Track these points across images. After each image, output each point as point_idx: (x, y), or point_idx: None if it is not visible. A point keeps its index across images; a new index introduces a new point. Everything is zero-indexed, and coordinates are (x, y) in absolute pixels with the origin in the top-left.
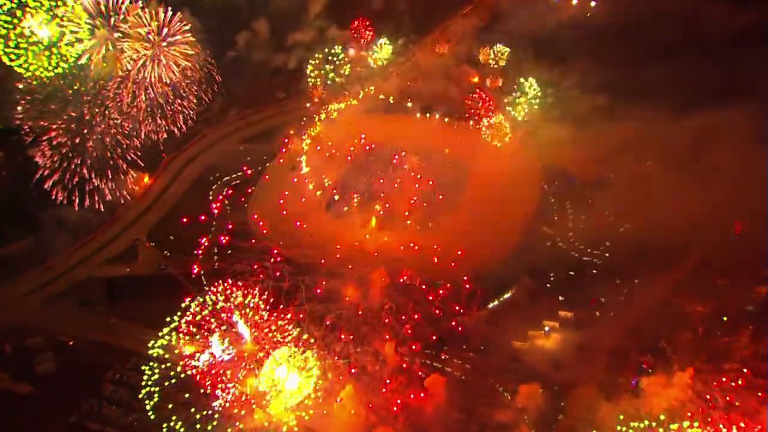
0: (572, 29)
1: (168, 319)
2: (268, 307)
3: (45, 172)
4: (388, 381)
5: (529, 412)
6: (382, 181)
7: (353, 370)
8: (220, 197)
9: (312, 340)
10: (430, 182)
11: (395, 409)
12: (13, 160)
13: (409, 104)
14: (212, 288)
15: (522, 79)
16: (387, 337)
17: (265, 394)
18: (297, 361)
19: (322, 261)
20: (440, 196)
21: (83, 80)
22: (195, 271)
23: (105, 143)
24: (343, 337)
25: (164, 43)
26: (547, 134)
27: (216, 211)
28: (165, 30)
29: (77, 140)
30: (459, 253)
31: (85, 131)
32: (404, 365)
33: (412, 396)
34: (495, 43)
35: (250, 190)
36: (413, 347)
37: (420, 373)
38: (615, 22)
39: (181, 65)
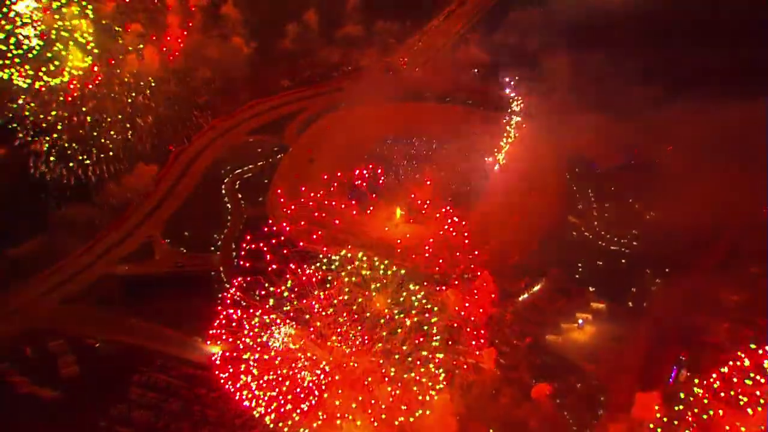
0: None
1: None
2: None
3: (48, 175)
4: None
5: (647, 424)
6: (402, 172)
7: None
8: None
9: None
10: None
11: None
12: (16, 157)
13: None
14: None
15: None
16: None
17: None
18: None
19: None
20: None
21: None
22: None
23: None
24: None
25: None
26: (575, 122)
27: (230, 206)
28: None
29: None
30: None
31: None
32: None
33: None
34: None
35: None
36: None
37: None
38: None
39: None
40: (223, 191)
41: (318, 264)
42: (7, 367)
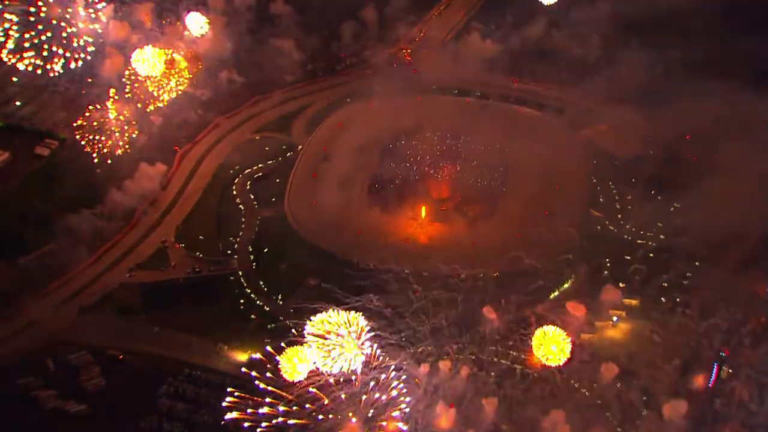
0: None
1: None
2: None
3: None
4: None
5: None
6: (417, 168)
7: None
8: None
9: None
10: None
11: None
12: (20, 162)
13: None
14: None
15: None
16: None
17: None
18: None
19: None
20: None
21: None
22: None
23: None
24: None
25: None
26: (594, 114)
27: (243, 207)
28: None
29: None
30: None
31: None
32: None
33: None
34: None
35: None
36: None
37: None
38: None
39: None
40: (234, 192)
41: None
42: (32, 381)
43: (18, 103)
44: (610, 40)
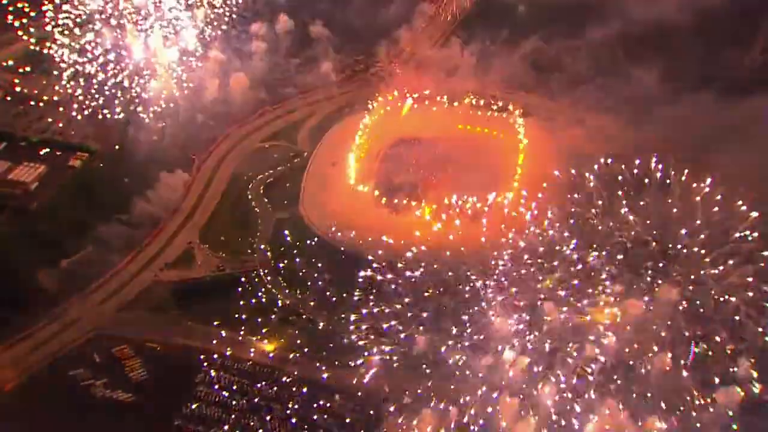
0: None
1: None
2: None
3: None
4: None
5: None
6: (413, 171)
7: None
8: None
9: None
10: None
11: None
12: (55, 174)
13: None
14: None
15: None
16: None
17: None
18: None
19: None
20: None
21: None
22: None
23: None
24: None
25: None
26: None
27: (258, 210)
28: None
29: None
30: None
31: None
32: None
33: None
34: None
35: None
36: None
37: None
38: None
39: None
40: (250, 196)
41: None
42: (83, 372)
43: (50, 119)
44: (597, 54)
